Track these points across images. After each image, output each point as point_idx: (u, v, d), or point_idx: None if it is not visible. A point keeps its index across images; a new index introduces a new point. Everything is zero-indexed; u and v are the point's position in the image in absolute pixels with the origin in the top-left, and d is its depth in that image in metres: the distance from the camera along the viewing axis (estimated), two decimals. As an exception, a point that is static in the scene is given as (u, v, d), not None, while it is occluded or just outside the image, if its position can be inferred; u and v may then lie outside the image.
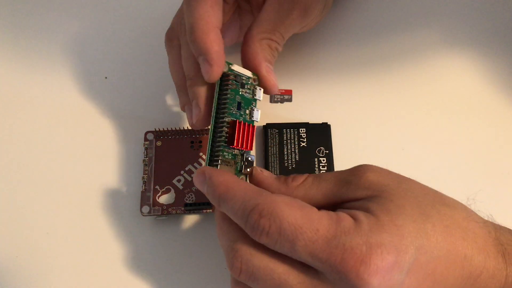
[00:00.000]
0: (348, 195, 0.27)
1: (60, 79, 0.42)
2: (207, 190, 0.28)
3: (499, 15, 0.44)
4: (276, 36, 0.34)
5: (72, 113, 0.41)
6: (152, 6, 0.46)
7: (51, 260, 0.35)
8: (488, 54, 0.42)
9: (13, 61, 0.43)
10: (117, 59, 0.43)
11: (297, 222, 0.25)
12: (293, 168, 0.37)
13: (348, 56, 0.43)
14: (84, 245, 0.36)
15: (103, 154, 0.39)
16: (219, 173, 0.28)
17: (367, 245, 0.24)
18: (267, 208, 0.26)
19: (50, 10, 0.46)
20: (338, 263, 0.24)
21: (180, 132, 0.38)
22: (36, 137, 0.40)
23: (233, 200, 0.27)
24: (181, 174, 0.37)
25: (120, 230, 0.36)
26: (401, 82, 0.41)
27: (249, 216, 0.26)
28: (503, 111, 0.40)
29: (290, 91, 0.41)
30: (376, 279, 0.24)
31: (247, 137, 0.31)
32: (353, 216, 0.25)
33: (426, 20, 0.44)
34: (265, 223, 0.25)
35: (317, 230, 0.25)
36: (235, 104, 0.31)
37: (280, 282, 0.26)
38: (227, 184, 0.28)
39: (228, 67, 0.31)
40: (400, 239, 0.24)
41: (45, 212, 0.37)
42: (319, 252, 0.25)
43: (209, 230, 0.36)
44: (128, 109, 0.41)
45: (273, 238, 0.25)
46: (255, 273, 0.26)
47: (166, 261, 0.35)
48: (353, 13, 0.44)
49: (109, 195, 0.37)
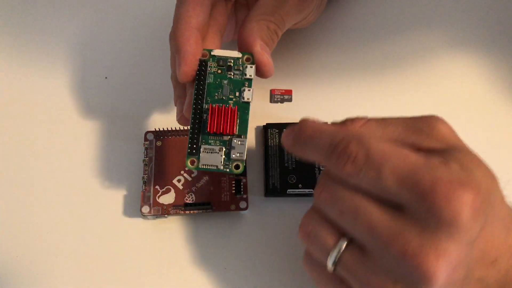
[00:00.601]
0: (420, 144, 0.26)
1: (60, 79, 0.42)
2: (293, 138, 0.28)
3: (501, 16, 0.44)
4: (275, 18, 0.33)
5: (72, 113, 0.41)
6: (152, 6, 0.46)
7: (51, 260, 0.35)
8: (491, 56, 0.42)
9: (12, 61, 0.43)
10: (117, 59, 0.43)
11: (385, 150, 0.24)
12: (293, 168, 0.37)
13: (349, 56, 0.43)
14: (84, 245, 0.36)
15: (103, 154, 0.39)
16: (304, 120, 0.28)
17: (459, 180, 0.23)
18: (355, 137, 0.25)
19: (50, 10, 0.46)
20: (427, 190, 0.23)
21: (180, 132, 0.38)
22: (36, 137, 0.40)
23: (321, 135, 0.26)
24: (181, 174, 0.37)
25: (120, 230, 0.36)
26: (403, 83, 0.41)
27: (337, 145, 0.25)
28: (506, 112, 0.40)
29: (290, 91, 0.41)
30: (469, 212, 0.22)
31: (226, 120, 0.30)
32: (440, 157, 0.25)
33: (428, 21, 0.44)
34: (352, 148, 0.25)
35: (406, 157, 0.24)
36: (219, 90, 0.31)
37: (360, 206, 0.25)
38: (313, 125, 0.27)
39: (208, 54, 0.31)
40: (484, 186, 0.24)
41: (45, 212, 0.37)
42: (406, 178, 0.23)
43: (209, 230, 0.36)
44: (128, 109, 0.41)
45: (358, 164, 0.24)
46: (336, 193, 0.26)
47: (166, 261, 0.35)
48: (354, 14, 0.44)
49: (109, 195, 0.37)
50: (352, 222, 0.25)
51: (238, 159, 0.30)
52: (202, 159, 0.30)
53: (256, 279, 0.34)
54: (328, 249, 0.26)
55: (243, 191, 0.36)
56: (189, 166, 0.30)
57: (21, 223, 0.37)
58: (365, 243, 0.25)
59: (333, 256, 0.26)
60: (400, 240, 0.23)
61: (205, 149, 0.30)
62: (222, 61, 0.31)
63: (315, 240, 0.27)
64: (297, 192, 0.36)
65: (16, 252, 0.36)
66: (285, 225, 0.36)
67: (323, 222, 0.27)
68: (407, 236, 0.23)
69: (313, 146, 0.27)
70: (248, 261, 0.35)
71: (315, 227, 0.27)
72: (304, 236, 0.27)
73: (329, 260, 0.26)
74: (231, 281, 0.34)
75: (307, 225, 0.27)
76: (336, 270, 0.26)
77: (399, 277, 0.24)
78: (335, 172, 0.26)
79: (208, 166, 0.30)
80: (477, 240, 0.24)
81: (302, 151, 0.28)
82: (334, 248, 0.26)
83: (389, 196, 0.24)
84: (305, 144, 0.27)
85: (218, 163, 0.30)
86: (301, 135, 0.27)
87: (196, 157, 0.30)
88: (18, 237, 0.36)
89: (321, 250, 0.26)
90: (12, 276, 0.35)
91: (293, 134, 0.28)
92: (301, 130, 0.28)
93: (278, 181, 0.37)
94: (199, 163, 0.30)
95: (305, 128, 0.27)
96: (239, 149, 0.30)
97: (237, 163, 0.30)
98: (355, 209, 0.25)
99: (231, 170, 0.30)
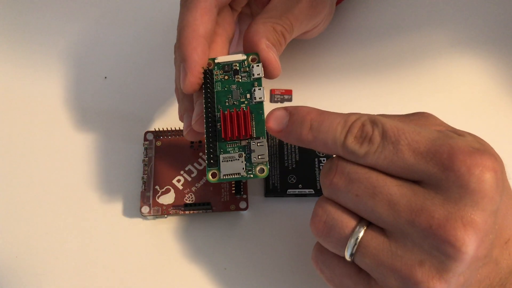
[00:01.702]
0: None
1: (60, 79, 0.42)
2: (291, 121, 0.27)
3: (503, 17, 0.44)
4: (282, 21, 0.32)
5: (71, 113, 0.41)
6: (152, 6, 0.46)
7: (50, 260, 0.35)
8: (493, 56, 0.42)
9: (12, 61, 0.43)
10: (117, 59, 0.43)
11: (399, 126, 0.24)
12: (293, 168, 0.37)
13: (349, 56, 0.42)
14: (84, 245, 0.36)
15: (103, 154, 0.39)
16: (303, 106, 0.27)
17: (476, 148, 0.23)
18: (368, 117, 0.25)
19: (49, 10, 0.46)
20: (445, 158, 0.22)
21: (180, 132, 0.38)
22: (35, 137, 0.40)
23: (330, 118, 0.26)
24: (181, 174, 0.37)
25: (120, 230, 0.36)
26: (403, 84, 0.41)
27: (351, 127, 0.25)
28: (509, 114, 0.40)
29: (290, 91, 0.41)
30: (491, 178, 0.22)
31: (241, 124, 0.28)
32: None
33: (429, 22, 0.44)
34: (368, 128, 0.24)
35: (419, 132, 0.24)
36: (229, 96, 0.30)
37: (378, 184, 0.24)
38: (318, 110, 0.26)
39: (212, 62, 0.30)
40: (498, 155, 0.24)
41: (45, 212, 0.37)
42: (424, 149, 0.23)
43: (209, 230, 0.36)
44: (128, 109, 0.41)
45: (375, 142, 0.24)
46: (351, 175, 0.25)
47: (165, 262, 0.35)
48: (355, 14, 0.44)
49: (108, 195, 0.37)
50: (370, 202, 0.24)
51: (260, 162, 0.28)
52: (223, 169, 0.28)
53: (256, 279, 0.34)
54: (346, 236, 0.25)
55: (243, 191, 0.36)
56: (211, 179, 0.28)
57: (20, 223, 0.37)
58: (385, 225, 0.24)
59: (351, 243, 0.25)
60: (424, 213, 0.23)
61: (224, 158, 0.28)
62: (227, 66, 0.30)
63: (332, 229, 0.25)
64: (297, 192, 0.36)
65: (16, 252, 0.36)
66: (285, 225, 0.36)
67: (338, 209, 0.26)
68: (430, 208, 0.23)
69: (323, 129, 0.26)
70: (247, 261, 0.35)
71: (330, 216, 0.26)
72: (319, 227, 0.26)
73: (348, 248, 0.25)
74: (231, 281, 0.34)
75: (321, 215, 0.26)
76: (355, 258, 0.25)
77: (426, 256, 0.23)
78: (351, 154, 0.25)
79: (231, 176, 0.28)
80: (498, 212, 0.23)
81: (309, 136, 0.26)
82: (353, 234, 0.25)
83: (407, 171, 0.24)
84: (312, 128, 0.26)
85: (240, 170, 0.28)
86: (305, 118, 0.26)
87: (217, 168, 0.28)
88: (18, 237, 0.36)
89: (338, 240, 0.25)
90: (12, 276, 0.35)
91: (292, 117, 0.27)
92: (305, 113, 0.26)
93: (278, 181, 0.37)
94: (221, 174, 0.28)
95: (309, 111, 0.27)
96: (260, 151, 0.28)
97: (261, 167, 0.28)
98: (373, 189, 0.24)
99: (255, 175, 0.28)
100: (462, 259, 0.22)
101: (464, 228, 0.22)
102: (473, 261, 0.23)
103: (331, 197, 0.26)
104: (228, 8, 0.33)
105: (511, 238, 0.25)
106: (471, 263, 0.23)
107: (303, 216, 0.36)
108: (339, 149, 0.25)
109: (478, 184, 0.22)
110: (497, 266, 0.25)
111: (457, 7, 0.44)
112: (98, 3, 0.46)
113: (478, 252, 0.23)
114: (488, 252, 0.24)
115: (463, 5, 0.44)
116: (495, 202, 0.23)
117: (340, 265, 0.26)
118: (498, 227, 0.24)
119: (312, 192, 0.36)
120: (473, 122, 0.39)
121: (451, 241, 0.22)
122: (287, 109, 0.27)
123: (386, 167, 0.24)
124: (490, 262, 0.24)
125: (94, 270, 0.35)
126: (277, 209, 0.37)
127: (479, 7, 0.44)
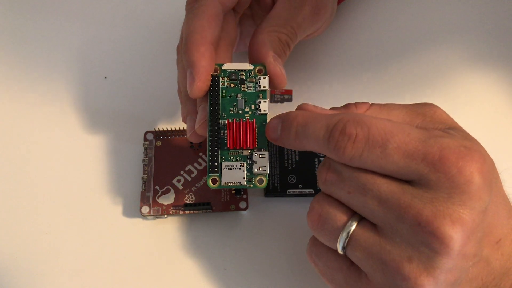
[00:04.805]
0: (425, 126, 0.26)
1: (60, 79, 0.42)
2: (282, 128, 0.27)
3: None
4: (287, 30, 0.32)
5: (71, 113, 0.41)
6: (152, 6, 0.46)
7: (51, 260, 0.35)
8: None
9: (12, 61, 0.43)
10: (117, 59, 0.43)
11: (387, 128, 0.24)
12: (293, 168, 0.37)
13: (349, 56, 0.42)
14: (84, 245, 0.36)
15: (102, 154, 0.39)
16: (293, 111, 0.27)
17: (465, 146, 0.23)
18: (352, 118, 0.24)
19: (49, 11, 0.46)
20: (436, 159, 0.23)
21: (180, 132, 0.38)
22: (35, 137, 0.40)
23: (314, 122, 0.26)
24: (181, 174, 0.37)
25: (120, 230, 0.36)
26: (404, 84, 0.41)
27: (333, 129, 0.25)
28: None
29: (290, 91, 0.41)
30: (479, 178, 0.23)
31: (244, 135, 0.29)
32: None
33: (431, 22, 0.44)
34: (351, 130, 0.24)
35: (409, 133, 0.24)
36: (234, 104, 0.30)
37: (367, 182, 0.24)
38: (304, 113, 0.27)
39: (219, 68, 0.30)
40: (487, 155, 0.24)
41: (45, 212, 0.37)
42: (413, 151, 0.23)
43: (209, 230, 0.36)
44: (128, 109, 0.41)
45: (360, 146, 0.24)
46: (342, 173, 0.25)
47: (165, 262, 0.35)
48: (356, 14, 0.44)
49: (108, 195, 0.37)
50: (361, 199, 0.25)
51: (261, 173, 0.29)
52: (224, 176, 0.29)
53: (256, 279, 0.34)
54: (338, 229, 0.26)
55: (242, 191, 0.36)
56: (211, 185, 0.29)
57: (20, 223, 0.37)
58: (376, 220, 0.25)
59: (343, 236, 0.25)
60: (413, 209, 0.23)
61: (226, 165, 0.29)
62: (234, 74, 0.31)
63: (325, 222, 0.26)
64: (297, 192, 0.36)
65: (16, 252, 0.36)
66: (285, 225, 0.36)
67: (333, 203, 0.26)
68: (419, 205, 0.23)
69: (307, 134, 0.26)
70: (247, 261, 0.35)
71: (325, 209, 0.26)
72: (314, 220, 0.27)
73: (340, 241, 0.25)
74: (231, 281, 0.34)
75: (317, 209, 0.27)
76: (347, 251, 0.26)
77: (414, 253, 0.23)
78: (337, 158, 0.25)
79: (231, 183, 0.29)
80: (486, 211, 0.24)
81: (297, 141, 0.27)
82: (345, 228, 0.25)
83: (397, 172, 0.24)
84: (297, 133, 0.27)
85: (240, 179, 0.29)
86: (292, 123, 0.27)
87: (218, 175, 0.29)
88: (18, 237, 0.36)
89: (331, 232, 0.26)
90: (12, 276, 0.35)
91: (283, 125, 0.27)
92: (292, 118, 0.27)
93: (278, 181, 0.37)
94: (221, 181, 0.29)
95: (295, 116, 0.27)
96: (261, 163, 0.29)
97: (261, 178, 0.29)
98: (363, 187, 0.25)
99: (255, 185, 0.29)
100: (449, 254, 0.23)
101: (452, 224, 0.22)
102: (460, 258, 0.23)
103: (327, 192, 0.27)
104: (231, 12, 0.34)
105: (502, 238, 0.25)
106: (458, 259, 0.23)
107: (303, 216, 0.35)
108: (326, 153, 0.26)
109: (468, 185, 0.23)
110: (489, 266, 0.25)
111: (457, 7, 0.44)
112: (98, 3, 0.46)
113: (466, 249, 0.23)
114: (477, 250, 0.24)
115: (463, 4, 0.45)
116: (483, 201, 0.23)
117: (332, 258, 0.27)
118: (488, 226, 0.24)
119: (312, 192, 0.36)
120: (470, 121, 0.39)
121: (439, 236, 0.22)
122: (280, 116, 0.28)
123: (376, 169, 0.24)
124: (480, 261, 0.25)
125: (94, 270, 0.35)
126: (277, 209, 0.37)
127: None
